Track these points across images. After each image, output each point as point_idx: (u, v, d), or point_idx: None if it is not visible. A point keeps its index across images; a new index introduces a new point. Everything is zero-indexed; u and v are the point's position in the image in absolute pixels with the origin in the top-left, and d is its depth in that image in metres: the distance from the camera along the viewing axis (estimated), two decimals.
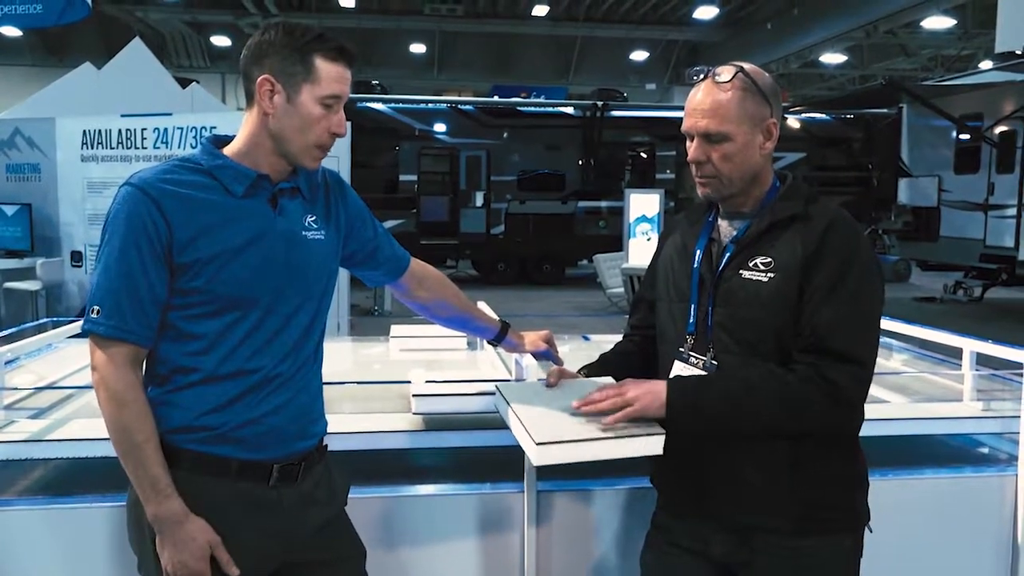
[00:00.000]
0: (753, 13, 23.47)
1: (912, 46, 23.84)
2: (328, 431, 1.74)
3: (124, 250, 1.50)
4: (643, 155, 17.20)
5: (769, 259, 1.61)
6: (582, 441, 1.53)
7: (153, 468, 1.49)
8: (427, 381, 2.05)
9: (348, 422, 2.03)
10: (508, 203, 16.14)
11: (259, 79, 1.56)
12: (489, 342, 2.08)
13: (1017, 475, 2.17)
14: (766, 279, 1.60)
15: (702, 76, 1.66)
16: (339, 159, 6.83)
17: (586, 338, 3.24)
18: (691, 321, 1.70)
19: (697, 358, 1.68)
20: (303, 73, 1.55)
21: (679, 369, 1.72)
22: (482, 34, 25.86)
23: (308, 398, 1.68)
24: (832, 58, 25.05)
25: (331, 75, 1.57)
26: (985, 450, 2.42)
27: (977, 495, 2.20)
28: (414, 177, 15.87)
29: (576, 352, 2.88)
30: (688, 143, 1.68)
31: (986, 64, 17.79)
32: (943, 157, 13.42)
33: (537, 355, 2.03)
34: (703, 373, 1.65)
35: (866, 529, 1.68)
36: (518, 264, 16.57)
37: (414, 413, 2.05)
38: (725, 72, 1.62)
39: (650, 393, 1.57)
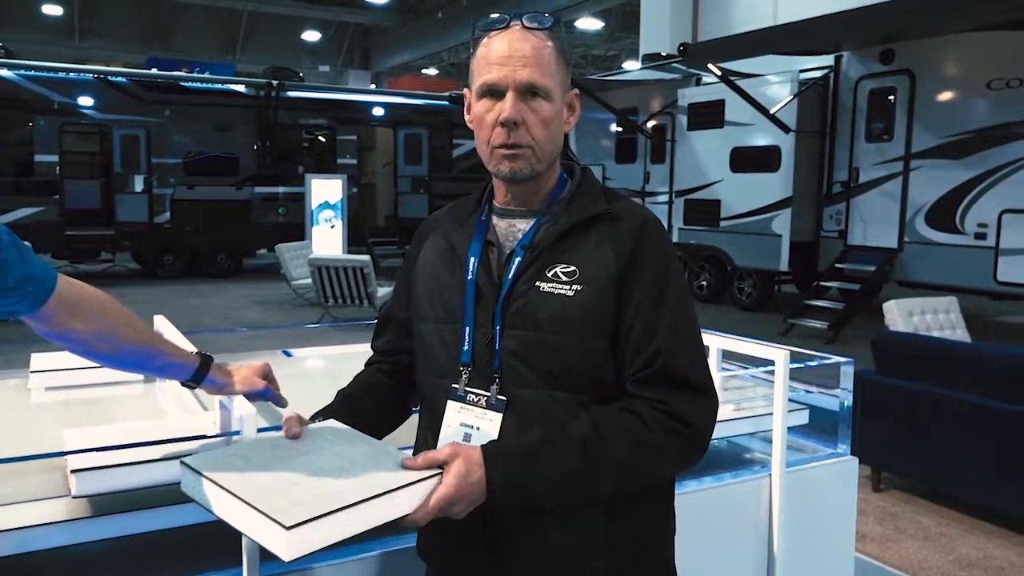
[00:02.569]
0: (425, 1, 23.74)
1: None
2: None
3: None
4: (323, 139, 16.57)
5: (572, 268, 1.28)
6: (352, 506, 1.06)
7: None
8: (92, 449, 1.44)
9: None
10: (174, 188, 14.68)
11: None
12: (184, 383, 1.53)
13: (771, 475, 2.10)
14: (571, 292, 1.26)
15: (506, 24, 1.28)
16: None
17: (287, 354, 2.66)
18: (466, 348, 1.33)
19: (478, 395, 1.31)
20: None
21: (454, 410, 1.33)
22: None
23: None
24: None
25: None
26: (733, 450, 2.35)
27: (734, 501, 2.09)
28: (55, 158, 13.80)
29: (278, 371, 2.35)
30: (489, 102, 1.28)
31: (630, 64, 19.71)
32: (606, 148, 14.53)
33: (251, 396, 1.53)
34: (490, 414, 1.28)
35: None
36: (188, 255, 15.22)
37: (74, 496, 1.43)
38: (543, 18, 1.28)
39: (472, 492, 1.15)
